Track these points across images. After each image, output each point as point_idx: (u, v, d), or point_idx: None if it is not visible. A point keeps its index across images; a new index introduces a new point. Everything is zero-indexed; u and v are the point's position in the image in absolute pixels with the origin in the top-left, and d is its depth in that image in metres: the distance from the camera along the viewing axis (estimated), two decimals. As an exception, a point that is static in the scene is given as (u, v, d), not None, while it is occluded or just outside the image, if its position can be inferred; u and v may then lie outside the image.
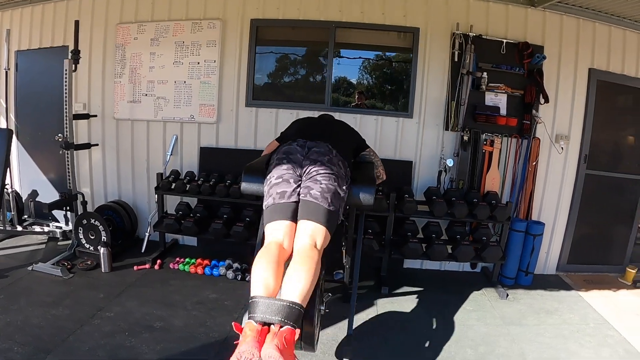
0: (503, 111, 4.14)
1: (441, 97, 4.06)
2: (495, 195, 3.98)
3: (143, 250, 3.85)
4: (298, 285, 1.65)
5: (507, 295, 3.77)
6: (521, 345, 2.98)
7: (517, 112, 4.17)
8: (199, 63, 3.72)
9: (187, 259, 3.70)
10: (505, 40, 4.00)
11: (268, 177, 2.08)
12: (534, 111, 4.14)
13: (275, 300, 1.58)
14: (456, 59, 3.92)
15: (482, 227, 3.88)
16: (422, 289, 3.76)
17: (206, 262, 3.68)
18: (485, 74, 3.98)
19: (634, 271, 4.53)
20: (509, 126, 4.12)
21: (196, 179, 3.76)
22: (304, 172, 2.05)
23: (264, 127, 3.95)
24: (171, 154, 3.89)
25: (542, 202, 4.42)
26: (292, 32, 3.82)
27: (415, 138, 4.12)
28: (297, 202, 1.95)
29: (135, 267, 3.58)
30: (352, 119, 3.90)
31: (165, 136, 4.02)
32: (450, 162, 4.03)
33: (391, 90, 4.17)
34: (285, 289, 1.65)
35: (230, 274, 3.51)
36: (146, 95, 3.82)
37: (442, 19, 3.95)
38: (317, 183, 1.98)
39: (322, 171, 2.02)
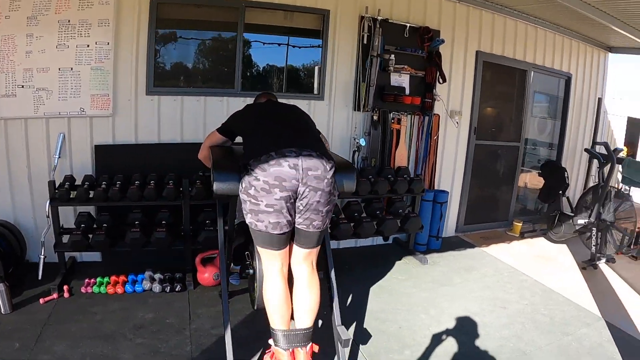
0: (408, 91, 4.36)
1: (350, 78, 4.12)
2: (406, 170, 4.23)
3: (40, 277, 3.08)
4: (311, 314, 2.07)
5: (427, 260, 4.12)
6: (461, 302, 3.31)
7: (420, 91, 4.45)
8: (88, 46, 3.17)
9: (98, 279, 3.13)
10: (408, 25, 4.18)
11: (254, 194, 1.91)
12: (434, 90, 4.45)
13: (298, 332, 2.03)
14: (365, 42, 3.99)
15: (397, 200, 4.10)
16: (348, 267, 3.88)
17: (122, 278, 3.16)
18: (392, 56, 4.13)
19: (520, 224, 5.28)
20: (413, 105, 4.37)
21: (98, 183, 3.16)
22: (302, 197, 1.93)
23: (168, 117, 3.54)
24: (59, 157, 3.17)
25: (442, 172, 4.84)
26: (198, 11, 3.46)
27: (326, 120, 4.12)
28: (291, 230, 2.02)
29: (41, 300, 2.86)
30: (241, 103, 3.74)
31: (49, 136, 3.29)
32: (362, 142, 4.14)
33: (302, 72, 4.08)
34: (301, 317, 2.06)
35: (156, 287, 3.07)
36: (22, 86, 3.13)
37: (351, 2, 3.98)
38: (319, 214, 1.99)
39: (323, 200, 1.96)
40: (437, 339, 2.76)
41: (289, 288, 2.09)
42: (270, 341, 2.09)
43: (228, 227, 2.58)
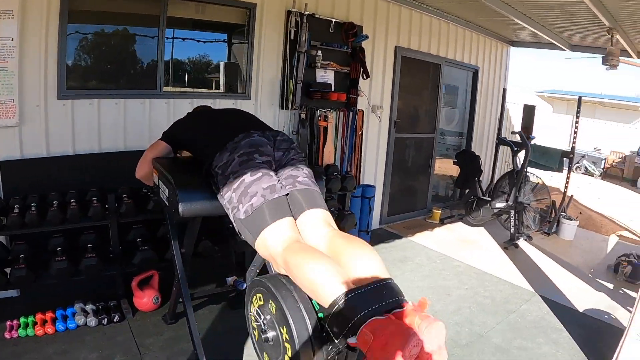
0: (333, 87, 4.80)
1: (277, 76, 4.39)
2: (335, 167, 4.68)
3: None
4: (374, 260, 1.55)
5: (363, 255, 4.64)
6: (407, 294, 3.78)
7: (345, 87, 4.90)
8: (-15, 42, 3.04)
9: (22, 319, 2.87)
10: (333, 20, 4.57)
11: (234, 177, 1.78)
12: (359, 86, 4.95)
13: (379, 284, 1.40)
14: (292, 37, 4.30)
15: (330, 199, 4.56)
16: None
17: (49, 314, 2.94)
18: (319, 52, 4.51)
19: (439, 211, 6.10)
20: (339, 101, 4.81)
21: (9, 206, 2.96)
22: (278, 163, 1.92)
23: (84, 124, 3.44)
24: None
25: (366, 166, 5.40)
26: (117, 3, 3.44)
27: None
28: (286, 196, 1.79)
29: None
30: (187, 105, 3.88)
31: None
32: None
33: (228, 71, 4.27)
34: (367, 272, 1.48)
35: (92, 321, 2.94)
36: None
37: None
38: (300, 169, 1.90)
39: (297, 157, 1.97)
40: None
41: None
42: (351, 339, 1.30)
43: (185, 250, 2.64)
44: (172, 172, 2.15)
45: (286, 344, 1.43)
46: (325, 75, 4.72)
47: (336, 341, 1.32)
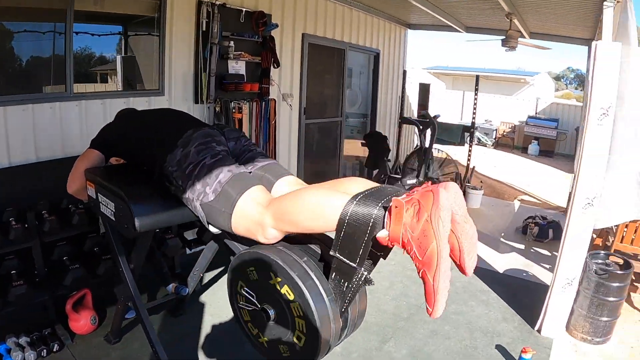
0: (246, 78, 5.04)
1: (190, 69, 4.47)
2: (252, 160, 4.97)
3: None
4: (363, 180, 1.62)
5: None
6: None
7: (257, 77, 5.15)
8: None
9: None
10: (244, 9, 4.76)
11: (193, 167, 1.76)
12: (270, 75, 5.25)
13: (379, 187, 1.43)
14: (204, 29, 4.44)
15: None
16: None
17: None
18: (232, 42, 4.70)
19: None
20: (252, 92, 5.04)
21: None
22: (233, 153, 1.95)
23: None
24: None
25: (280, 154, 5.74)
26: None
27: None
28: None
29: None
30: (99, 106, 3.86)
31: None
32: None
33: (141, 66, 4.29)
34: (360, 185, 1.52)
35: (30, 355, 2.81)
36: None
37: None
38: (255, 151, 1.99)
39: (249, 142, 2.04)
40: None
41: None
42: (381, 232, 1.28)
43: (134, 265, 2.65)
44: (117, 184, 2.10)
45: (298, 320, 1.41)
46: (237, 66, 4.92)
47: (354, 266, 1.31)
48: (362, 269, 1.32)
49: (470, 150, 7.11)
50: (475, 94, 6.90)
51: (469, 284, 4.27)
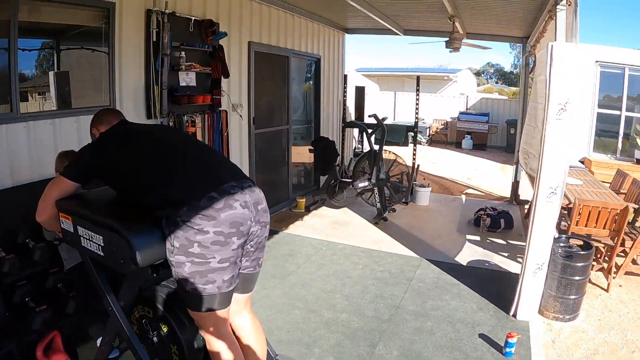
0: (198, 90, 4.82)
1: (141, 82, 4.18)
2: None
3: None
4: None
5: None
6: (314, 286, 4.16)
7: (208, 88, 4.95)
8: None
9: None
10: (193, 18, 4.55)
11: (200, 252, 1.81)
12: (221, 86, 5.06)
13: None
14: (155, 39, 4.17)
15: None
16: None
17: None
18: (183, 53, 4.47)
19: (303, 200, 6.61)
20: (205, 103, 4.84)
21: None
22: (253, 237, 1.97)
23: None
24: None
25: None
26: None
27: None
28: None
29: None
30: (49, 126, 3.51)
31: None
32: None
33: (90, 81, 3.95)
34: None
35: None
36: None
37: None
38: (264, 249, 2.10)
39: (267, 234, 2.08)
40: (326, 329, 3.48)
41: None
42: None
43: (124, 302, 2.33)
44: (106, 215, 1.99)
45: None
46: (189, 78, 4.68)
47: None
48: None
49: (415, 149, 7.31)
50: (417, 95, 7.10)
51: (438, 279, 4.38)
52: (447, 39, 5.98)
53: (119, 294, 2.37)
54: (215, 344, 1.98)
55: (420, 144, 14.99)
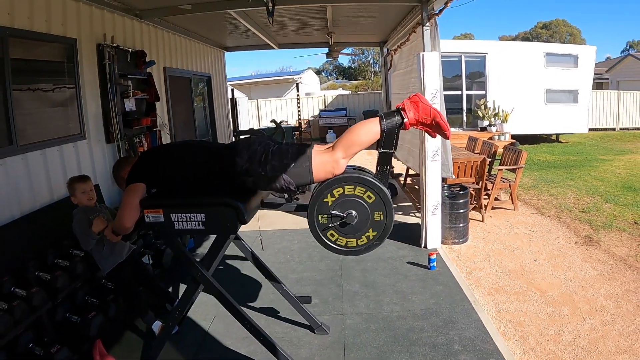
0: (139, 114, 5.12)
1: (99, 110, 4.43)
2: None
3: None
4: None
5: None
6: (271, 260, 4.52)
7: (146, 112, 5.29)
8: None
9: None
10: (129, 50, 4.88)
11: (264, 153, 2.31)
12: (156, 109, 5.42)
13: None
14: (107, 70, 4.43)
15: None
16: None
17: None
18: (130, 81, 4.77)
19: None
20: (147, 125, 5.19)
21: None
22: None
23: None
24: None
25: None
26: None
27: (89, 160, 4.28)
28: None
29: None
30: (39, 157, 3.57)
31: None
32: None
33: (64, 111, 4.02)
34: None
35: None
36: None
37: (88, 29, 4.24)
38: None
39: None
40: (299, 285, 4.01)
41: None
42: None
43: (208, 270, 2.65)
44: (199, 197, 2.46)
45: (376, 211, 2.34)
46: (131, 104, 4.94)
47: (392, 151, 2.29)
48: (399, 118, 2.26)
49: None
50: (298, 100, 8.08)
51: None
52: (327, 50, 7.08)
53: (204, 261, 2.72)
54: (343, 141, 2.30)
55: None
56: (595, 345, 3.04)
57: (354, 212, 2.34)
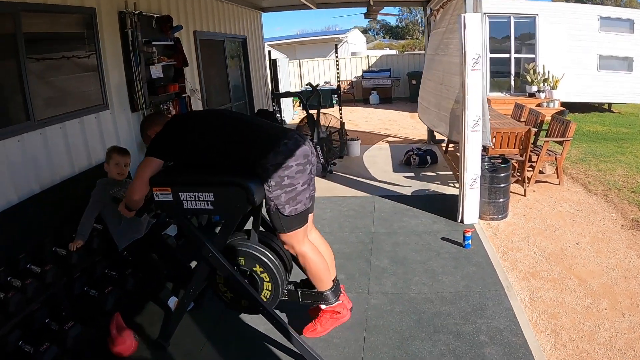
0: (167, 80, 5.03)
1: (122, 79, 4.35)
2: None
3: None
4: (333, 265, 2.83)
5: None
6: None
7: (174, 78, 5.20)
8: None
9: None
10: (154, 15, 4.74)
11: (288, 182, 2.31)
12: (185, 74, 5.31)
13: (337, 283, 2.76)
14: (131, 38, 4.34)
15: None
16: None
17: None
18: (154, 48, 4.67)
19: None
20: (176, 92, 5.11)
21: None
22: (312, 164, 2.48)
23: None
24: None
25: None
26: None
27: (113, 129, 4.24)
28: None
29: None
30: (58, 130, 3.57)
31: None
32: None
33: (85, 83, 4.00)
34: (331, 269, 2.74)
35: None
36: None
37: None
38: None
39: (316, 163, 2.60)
40: None
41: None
42: (323, 306, 2.68)
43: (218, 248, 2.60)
44: (210, 176, 2.41)
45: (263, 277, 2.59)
46: (158, 71, 4.87)
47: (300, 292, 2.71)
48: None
49: (340, 109, 7.94)
50: (337, 61, 7.73)
51: (394, 208, 5.06)
52: (365, 10, 6.65)
53: (214, 241, 2.61)
54: (307, 254, 2.52)
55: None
56: (632, 346, 2.74)
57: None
